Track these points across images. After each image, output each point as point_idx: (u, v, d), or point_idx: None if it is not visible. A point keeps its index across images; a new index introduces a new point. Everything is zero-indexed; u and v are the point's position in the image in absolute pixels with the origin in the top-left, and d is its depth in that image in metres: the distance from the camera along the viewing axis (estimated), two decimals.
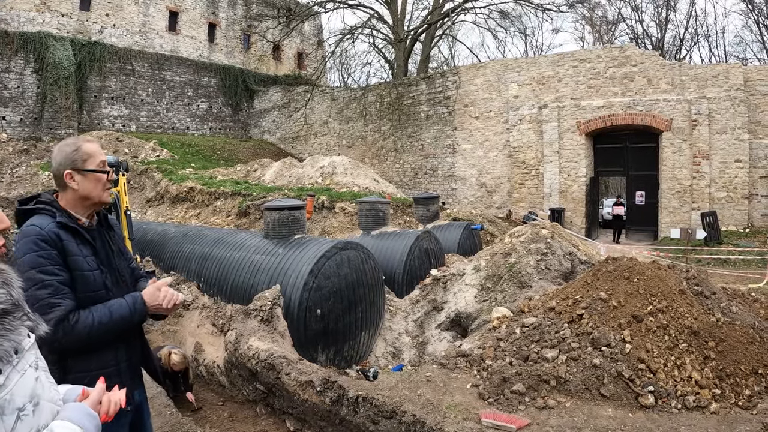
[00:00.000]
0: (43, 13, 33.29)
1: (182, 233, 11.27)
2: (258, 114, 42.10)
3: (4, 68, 30.65)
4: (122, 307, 2.75)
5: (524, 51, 60.57)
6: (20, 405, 1.50)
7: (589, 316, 5.41)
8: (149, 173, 25.57)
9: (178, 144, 33.70)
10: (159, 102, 37.28)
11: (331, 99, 36.75)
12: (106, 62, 34.39)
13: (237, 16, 43.83)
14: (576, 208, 25.57)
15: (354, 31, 37.47)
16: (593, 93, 25.32)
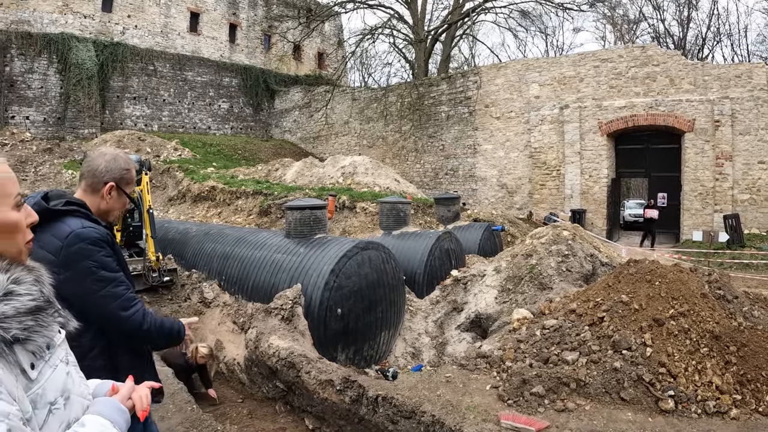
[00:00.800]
0: (66, 15, 33.74)
1: (204, 232, 11.37)
2: (279, 114, 42.24)
3: (27, 69, 31.12)
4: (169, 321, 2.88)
5: (545, 51, 60.26)
6: (52, 399, 1.52)
7: (610, 318, 5.37)
8: (171, 172, 25.76)
9: (199, 143, 33.95)
10: (181, 102, 37.58)
11: (352, 99, 36.77)
12: (129, 63, 34.77)
13: (257, 17, 44.03)
14: (597, 210, 25.31)
15: (374, 31, 37.47)
16: (615, 93, 25.03)
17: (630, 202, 37.28)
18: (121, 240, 10.86)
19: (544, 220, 23.40)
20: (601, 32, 65.14)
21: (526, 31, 46.26)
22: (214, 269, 9.66)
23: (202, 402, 6.90)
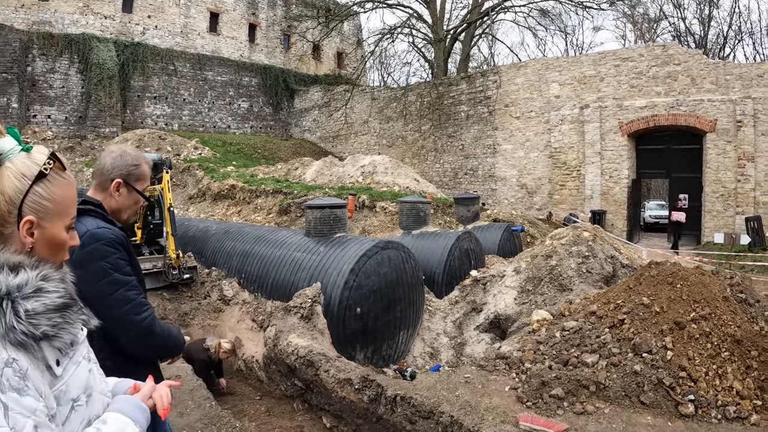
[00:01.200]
0: (87, 16, 34.23)
1: (224, 230, 11.44)
2: (298, 113, 42.38)
3: (49, 68, 31.59)
4: (176, 330, 2.87)
5: (565, 50, 59.82)
6: (75, 396, 1.55)
7: (631, 321, 5.31)
8: (191, 171, 25.95)
9: (219, 142, 34.17)
10: (201, 101, 37.85)
11: (371, 98, 36.80)
12: (149, 62, 35.15)
13: (277, 17, 44.25)
14: (617, 211, 25.05)
15: (393, 30, 37.46)
16: (636, 93, 24.73)
17: (650, 203, 36.91)
18: (142, 237, 10.97)
19: (563, 221, 23.27)
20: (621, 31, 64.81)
21: (545, 29, 45.93)
22: (234, 267, 9.73)
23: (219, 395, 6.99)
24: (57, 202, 1.59)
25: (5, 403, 1.29)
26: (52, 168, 1.58)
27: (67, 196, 1.64)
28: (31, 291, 1.45)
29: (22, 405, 1.32)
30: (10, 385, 1.31)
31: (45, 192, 1.56)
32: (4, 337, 1.36)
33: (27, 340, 1.40)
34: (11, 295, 1.41)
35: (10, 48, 30.00)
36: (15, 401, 1.31)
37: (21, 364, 1.37)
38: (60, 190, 1.61)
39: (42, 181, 1.55)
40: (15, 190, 1.51)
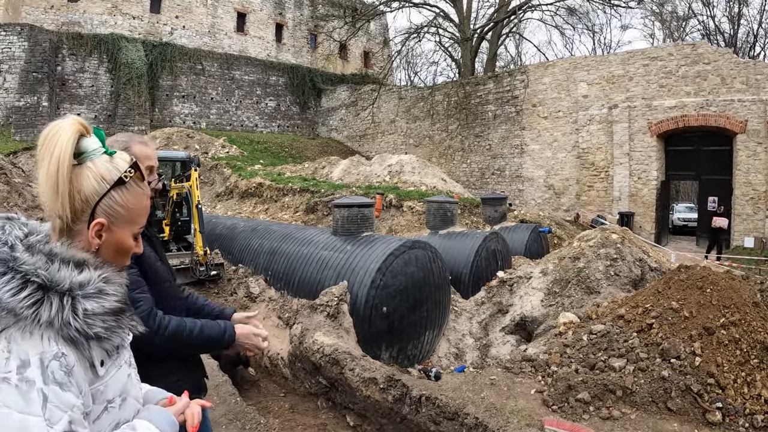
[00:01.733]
0: (115, 16, 34.93)
1: (251, 228, 11.50)
2: (325, 112, 42.56)
3: (78, 68, 32.27)
4: (214, 328, 2.74)
5: (592, 49, 59.23)
6: (110, 397, 1.56)
7: (659, 326, 5.22)
8: (219, 169, 26.17)
9: (246, 141, 34.42)
10: (228, 100, 38.20)
11: (398, 98, 36.80)
12: (177, 62, 35.66)
13: (303, 17, 44.55)
14: (646, 213, 24.68)
15: (420, 30, 37.49)
16: (665, 92, 24.35)
17: (679, 205, 36.35)
18: (170, 234, 11.08)
19: (591, 223, 23.07)
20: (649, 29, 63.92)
21: (573, 28, 45.69)
22: (261, 264, 9.77)
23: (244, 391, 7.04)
24: (130, 209, 1.62)
25: (45, 394, 1.32)
26: (131, 177, 1.60)
27: (140, 205, 1.66)
28: (92, 291, 1.48)
29: (62, 399, 1.34)
30: (54, 378, 1.34)
31: (120, 198, 1.58)
32: (58, 331, 1.39)
33: (79, 337, 1.42)
34: (72, 292, 1.44)
35: (40, 48, 30.71)
36: (55, 394, 1.33)
37: (69, 359, 1.39)
38: (134, 198, 1.63)
39: (120, 187, 1.58)
40: (92, 191, 1.53)
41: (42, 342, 1.36)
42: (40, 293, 1.39)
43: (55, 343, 1.38)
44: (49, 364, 1.35)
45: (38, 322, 1.37)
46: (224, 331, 2.76)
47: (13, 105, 29.86)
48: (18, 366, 1.33)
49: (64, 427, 1.33)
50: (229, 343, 2.79)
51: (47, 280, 1.41)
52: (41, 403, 1.31)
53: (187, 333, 2.66)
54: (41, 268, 1.42)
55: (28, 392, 1.31)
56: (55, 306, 1.40)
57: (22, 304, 1.36)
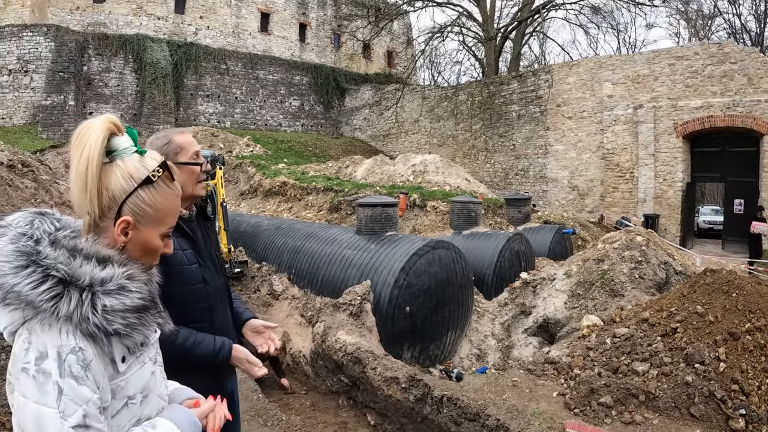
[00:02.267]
0: (140, 17, 35.46)
1: (275, 226, 11.54)
2: (349, 111, 42.63)
3: (104, 68, 32.85)
4: (207, 346, 2.70)
5: (617, 48, 58.61)
6: (131, 394, 1.57)
7: (684, 330, 5.16)
8: (243, 167, 26.32)
9: (270, 140, 34.61)
10: (252, 99, 38.45)
11: (422, 97, 36.73)
12: (202, 62, 36.02)
13: (327, 16, 44.75)
14: (671, 215, 24.22)
15: (443, 29, 37.38)
16: (690, 93, 23.86)
17: (705, 208, 35.66)
18: None
19: (615, 225, 22.83)
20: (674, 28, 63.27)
21: (597, 27, 45.14)
22: (284, 263, 9.81)
23: (270, 391, 7.09)
24: (157, 209, 1.63)
25: (61, 387, 1.35)
26: (160, 176, 1.62)
27: (168, 205, 1.68)
28: (113, 288, 1.49)
29: (77, 393, 1.36)
30: (70, 372, 1.36)
31: (148, 197, 1.60)
32: (76, 326, 1.41)
33: (98, 333, 1.44)
34: (93, 288, 1.46)
35: (67, 48, 31.25)
36: (71, 388, 1.36)
37: (86, 354, 1.41)
38: (163, 198, 1.64)
39: (147, 186, 1.59)
40: (120, 188, 1.55)
41: (60, 336, 1.39)
42: (60, 287, 1.42)
43: (73, 337, 1.41)
44: (66, 358, 1.37)
45: (57, 316, 1.40)
46: (218, 351, 2.73)
47: (40, 104, 30.34)
48: (36, 357, 1.37)
49: (78, 421, 1.35)
50: (223, 362, 2.76)
51: (67, 275, 1.44)
52: (56, 396, 1.34)
53: (176, 345, 2.59)
54: (62, 263, 1.45)
55: (44, 384, 1.35)
56: (74, 301, 1.42)
57: (41, 297, 1.39)
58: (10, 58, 31.11)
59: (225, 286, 3.04)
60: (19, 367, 1.39)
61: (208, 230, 3.07)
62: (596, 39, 73.34)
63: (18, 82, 30.91)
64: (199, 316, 2.78)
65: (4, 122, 30.26)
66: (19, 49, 31.17)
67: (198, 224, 2.97)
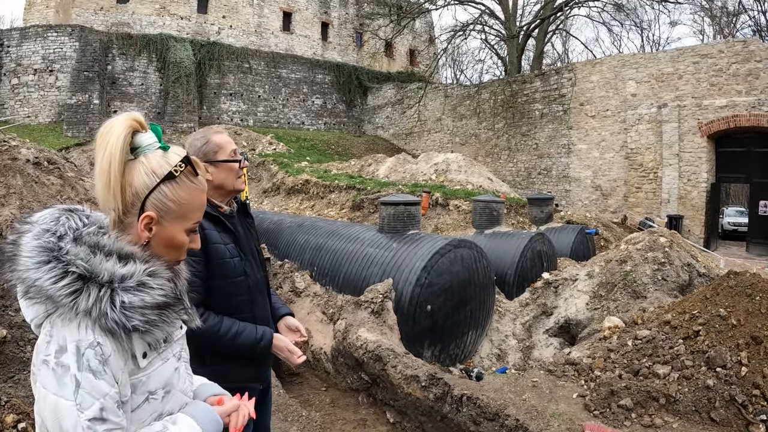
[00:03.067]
0: (164, 17, 35.89)
1: (297, 224, 11.57)
2: (371, 110, 42.69)
3: (128, 67, 33.35)
4: (249, 335, 2.83)
5: (640, 46, 57.88)
6: (152, 389, 1.59)
7: (706, 333, 5.10)
8: (266, 165, 26.45)
9: (293, 138, 34.77)
10: (275, 98, 38.67)
11: (444, 96, 36.66)
12: (225, 61, 36.36)
13: (349, 15, 44.87)
14: (695, 216, 23.83)
15: (466, 27, 37.24)
16: (715, 91, 23.37)
17: (729, 209, 35.01)
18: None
19: (639, 225, 22.62)
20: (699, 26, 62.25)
21: (620, 25, 44.64)
22: (306, 260, 9.83)
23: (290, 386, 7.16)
24: (181, 204, 1.64)
25: (78, 380, 1.37)
26: (182, 171, 1.62)
27: (192, 200, 1.68)
28: (133, 284, 1.50)
29: (94, 387, 1.39)
30: (88, 366, 1.39)
31: (171, 193, 1.61)
32: (95, 321, 1.43)
33: (116, 329, 1.45)
34: (112, 284, 1.47)
35: (91, 48, 31.76)
36: (88, 381, 1.38)
37: (105, 349, 1.43)
38: (186, 193, 1.64)
39: (170, 182, 1.60)
40: (142, 184, 1.56)
41: (79, 330, 1.42)
42: (80, 283, 1.44)
43: (92, 332, 1.42)
44: (84, 352, 1.40)
45: (76, 311, 1.42)
46: (260, 340, 2.86)
47: (65, 102, 30.79)
48: (56, 350, 1.40)
49: (95, 414, 1.38)
50: (264, 351, 2.89)
51: (87, 271, 1.46)
52: (73, 389, 1.37)
53: (219, 335, 2.74)
54: (82, 259, 1.47)
55: (62, 376, 1.38)
56: (93, 296, 1.44)
57: (60, 292, 1.42)
58: (36, 57, 31.63)
59: (264, 280, 3.16)
60: (40, 359, 1.42)
61: (250, 226, 3.18)
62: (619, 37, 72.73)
63: (43, 81, 31.42)
64: (241, 307, 2.89)
65: (30, 120, 30.74)
66: (44, 49, 31.68)
67: (239, 220, 3.08)
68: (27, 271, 1.44)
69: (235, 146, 3.02)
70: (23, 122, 29.75)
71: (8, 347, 5.30)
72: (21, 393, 4.86)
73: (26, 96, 31.28)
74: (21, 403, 4.17)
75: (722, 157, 24.30)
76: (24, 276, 1.44)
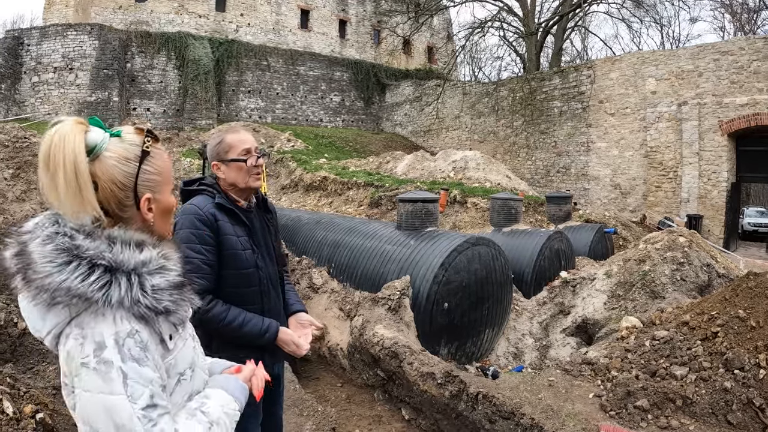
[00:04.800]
0: (182, 15, 36.27)
1: (315, 220, 11.61)
2: (389, 107, 42.71)
3: (147, 65, 33.79)
4: (255, 326, 2.90)
5: (660, 43, 57.43)
6: (182, 370, 1.64)
7: (725, 334, 5.02)
8: (284, 162, 26.56)
9: (311, 135, 34.89)
10: (293, 95, 38.85)
11: (463, 93, 36.59)
12: (243, 58, 36.71)
13: (367, 12, 44.96)
14: (714, 216, 23.48)
15: (484, 24, 37.18)
16: (736, 89, 23.07)
17: (749, 209, 34.53)
18: None
19: (658, 225, 22.43)
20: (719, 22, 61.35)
21: (640, 21, 44.30)
22: (324, 256, 9.85)
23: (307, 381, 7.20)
24: (162, 172, 1.68)
25: (125, 372, 1.38)
26: (151, 144, 1.65)
27: (166, 164, 1.72)
28: (155, 267, 1.55)
29: (141, 374, 1.41)
30: (131, 355, 1.41)
31: (152, 168, 1.64)
32: (128, 310, 1.45)
33: (149, 313, 1.48)
34: (138, 270, 1.50)
35: (110, 46, 32.23)
36: (134, 371, 1.40)
37: (142, 335, 1.46)
38: (161, 161, 1.69)
39: (147, 159, 1.63)
40: (125, 175, 1.57)
41: (115, 322, 1.43)
42: (108, 275, 1.45)
43: (127, 321, 1.44)
44: (124, 343, 1.41)
45: (110, 303, 1.43)
46: (265, 332, 2.93)
47: (85, 100, 31.32)
48: (95, 349, 1.40)
49: (147, 402, 1.40)
50: (269, 342, 2.95)
51: (113, 262, 1.47)
52: (122, 382, 1.38)
53: (225, 323, 2.82)
54: (105, 251, 1.48)
55: (107, 373, 1.38)
56: (124, 285, 1.46)
57: (92, 287, 1.42)
58: (55, 56, 32.04)
59: (278, 275, 3.24)
60: (77, 364, 1.40)
61: (268, 221, 3.26)
62: (639, 34, 72.33)
63: (63, 79, 31.80)
64: (250, 298, 2.98)
65: (50, 118, 30.69)
66: (64, 47, 32.11)
67: (257, 215, 3.18)
68: (49, 276, 1.41)
69: (250, 144, 3.09)
70: (43, 119, 30.03)
71: (27, 339, 5.41)
72: (39, 384, 4.95)
73: (46, 94, 31.67)
74: (39, 394, 4.24)
75: (743, 157, 24.00)
76: (46, 282, 1.41)
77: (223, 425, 1.66)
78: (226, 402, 1.73)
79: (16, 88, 31.47)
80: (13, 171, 17.65)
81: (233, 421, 1.73)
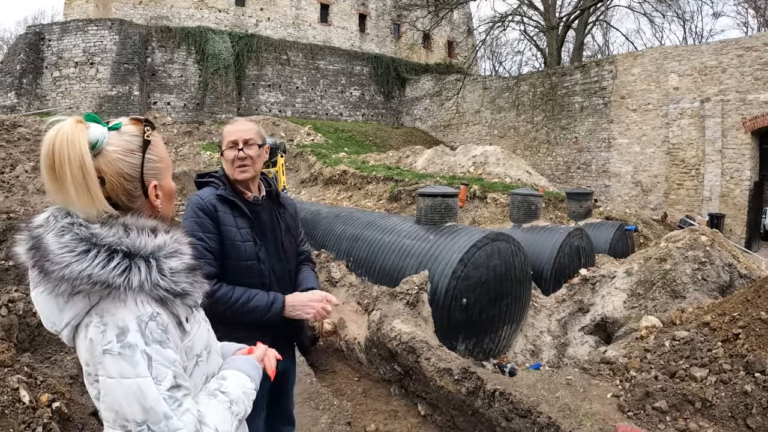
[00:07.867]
0: (202, 10, 36.59)
1: (334, 214, 11.64)
2: (409, 102, 42.64)
3: (167, 59, 34.07)
4: (261, 300, 2.93)
5: (683, 38, 56.66)
6: (198, 352, 1.67)
7: (746, 336, 4.93)
8: (304, 156, 26.69)
9: (331, 129, 34.99)
10: (313, 89, 38.95)
11: (483, 88, 36.42)
12: (263, 53, 36.90)
13: (386, 7, 44.94)
14: (737, 215, 23.16)
15: (504, 18, 36.97)
16: (760, 86, 22.59)
17: None
18: None
19: (679, 223, 22.19)
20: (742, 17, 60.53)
21: (662, 16, 43.87)
22: (343, 250, 9.87)
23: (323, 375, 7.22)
24: (163, 158, 1.74)
25: (149, 355, 1.41)
26: (151, 133, 1.69)
27: (164, 150, 1.78)
28: (171, 251, 1.58)
29: (164, 356, 1.43)
30: (153, 338, 1.43)
31: (154, 155, 1.69)
32: (148, 293, 1.47)
33: (168, 296, 1.51)
34: (155, 254, 1.53)
35: (131, 41, 32.60)
36: (158, 352, 1.42)
37: (163, 318, 1.49)
38: (160, 148, 1.74)
39: (149, 148, 1.67)
40: (131, 166, 1.61)
41: (137, 306, 1.45)
42: (127, 261, 1.48)
43: (148, 305, 1.47)
44: (147, 325, 1.44)
45: (131, 288, 1.45)
46: (272, 303, 2.96)
47: (106, 94, 31.69)
48: (117, 334, 1.41)
49: (171, 382, 1.43)
50: (277, 313, 2.96)
51: (131, 248, 1.50)
52: (147, 364, 1.40)
53: (232, 301, 2.85)
54: (123, 237, 1.51)
55: (132, 356, 1.40)
56: (143, 270, 1.49)
57: (113, 273, 1.44)
58: (76, 51, 32.40)
59: (286, 268, 3.22)
60: (99, 351, 1.42)
61: (280, 216, 3.24)
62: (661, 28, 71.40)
63: (84, 73, 32.15)
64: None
65: (72, 111, 31.33)
66: (85, 42, 32.45)
67: (267, 208, 3.17)
68: (69, 266, 1.42)
69: (237, 137, 3.10)
70: (65, 114, 30.25)
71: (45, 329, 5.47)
72: (56, 373, 5.02)
73: (68, 88, 32.04)
74: (56, 383, 4.30)
75: (766, 155, 23.62)
76: (67, 272, 1.41)
77: (242, 404, 1.71)
78: (243, 382, 1.78)
79: (37, 83, 31.80)
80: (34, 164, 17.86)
81: (250, 399, 1.78)
